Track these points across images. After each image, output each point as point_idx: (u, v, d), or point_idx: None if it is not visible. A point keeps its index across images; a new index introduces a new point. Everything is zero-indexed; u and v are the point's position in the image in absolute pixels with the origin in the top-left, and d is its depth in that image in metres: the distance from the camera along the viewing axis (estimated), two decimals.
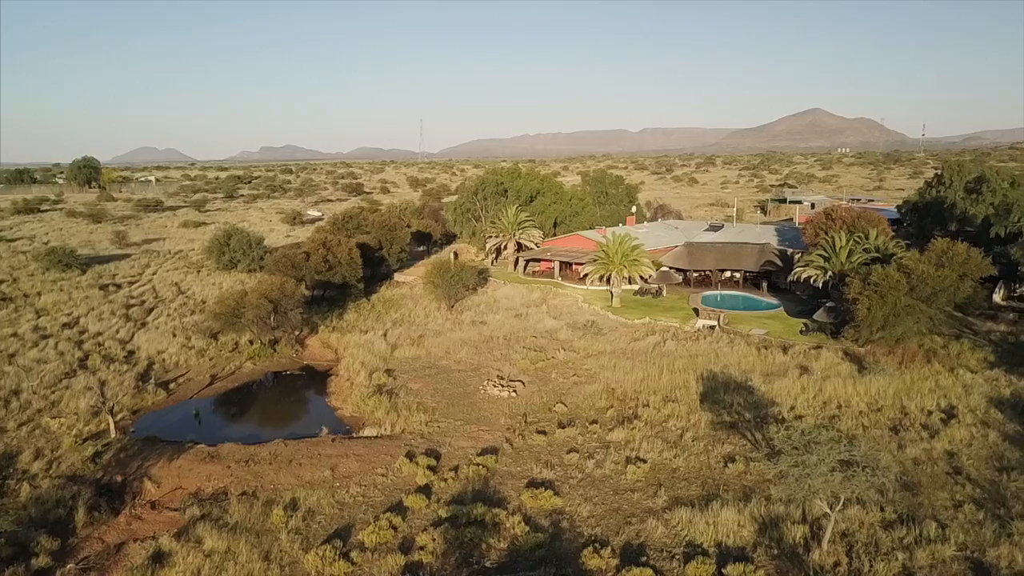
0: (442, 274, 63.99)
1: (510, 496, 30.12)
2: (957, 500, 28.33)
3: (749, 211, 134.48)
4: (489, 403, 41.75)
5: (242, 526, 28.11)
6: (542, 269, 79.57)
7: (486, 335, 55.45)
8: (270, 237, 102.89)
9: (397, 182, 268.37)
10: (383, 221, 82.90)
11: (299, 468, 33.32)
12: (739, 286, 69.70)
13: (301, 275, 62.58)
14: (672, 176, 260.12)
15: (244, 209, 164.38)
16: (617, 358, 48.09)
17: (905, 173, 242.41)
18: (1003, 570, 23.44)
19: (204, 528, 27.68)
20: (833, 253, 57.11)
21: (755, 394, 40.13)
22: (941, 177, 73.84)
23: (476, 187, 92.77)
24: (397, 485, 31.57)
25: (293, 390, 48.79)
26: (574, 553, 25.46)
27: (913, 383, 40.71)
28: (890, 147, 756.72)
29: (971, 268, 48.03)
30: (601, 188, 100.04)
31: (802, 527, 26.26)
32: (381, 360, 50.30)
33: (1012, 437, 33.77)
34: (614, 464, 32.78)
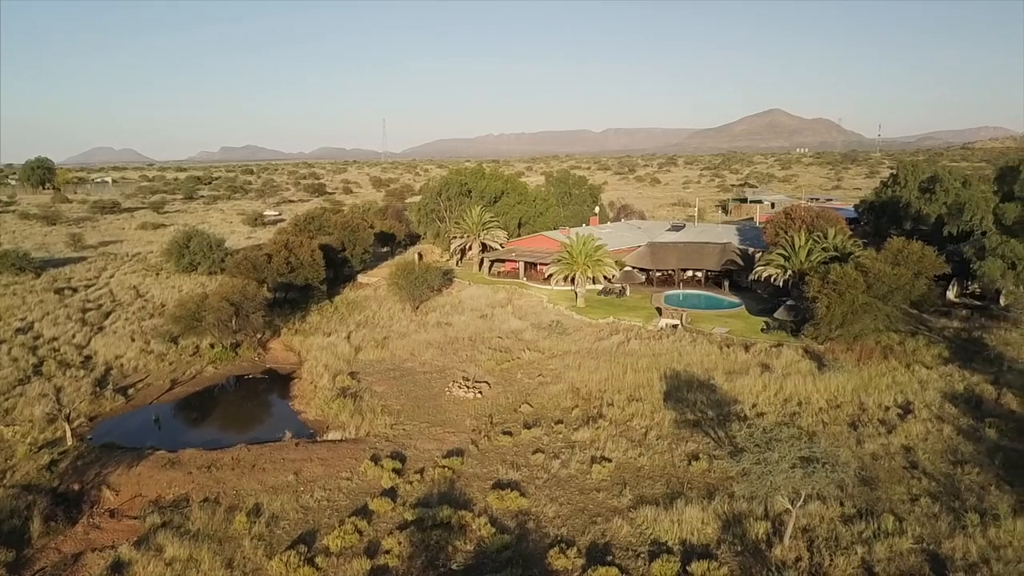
0: (406, 275, 63.71)
1: (476, 498, 30.09)
2: (914, 494, 28.97)
3: (711, 211, 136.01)
4: (454, 405, 41.67)
5: (204, 533, 27.70)
6: (507, 270, 79.62)
7: (451, 336, 55.33)
8: (231, 239, 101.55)
9: (360, 182, 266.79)
10: (346, 222, 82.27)
11: (262, 473, 32.94)
12: (701, 285, 70.48)
13: (263, 277, 61.83)
14: (635, 176, 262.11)
15: (204, 210, 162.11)
16: (582, 358, 48.31)
17: (862, 173, 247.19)
18: (958, 561, 24.01)
19: (165, 536, 27.21)
20: (793, 252, 58.00)
21: (718, 392, 40.61)
22: (896, 177, 75.38)
23: (440, 187, 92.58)
24: (362, 489, 31.36)
25: (256, 394, 48.18)
26: (540, 554, 25.53)
27: (871, 379, 41.53)
28: (847, 147, 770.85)
29: (926, 266, 49.11)
30: (565, 188, 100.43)
31: (764, 523, 26.64)
32: (345, 363, 49.92)
33: (965, 431, 34.62)
34: (579, 464, 32.93)
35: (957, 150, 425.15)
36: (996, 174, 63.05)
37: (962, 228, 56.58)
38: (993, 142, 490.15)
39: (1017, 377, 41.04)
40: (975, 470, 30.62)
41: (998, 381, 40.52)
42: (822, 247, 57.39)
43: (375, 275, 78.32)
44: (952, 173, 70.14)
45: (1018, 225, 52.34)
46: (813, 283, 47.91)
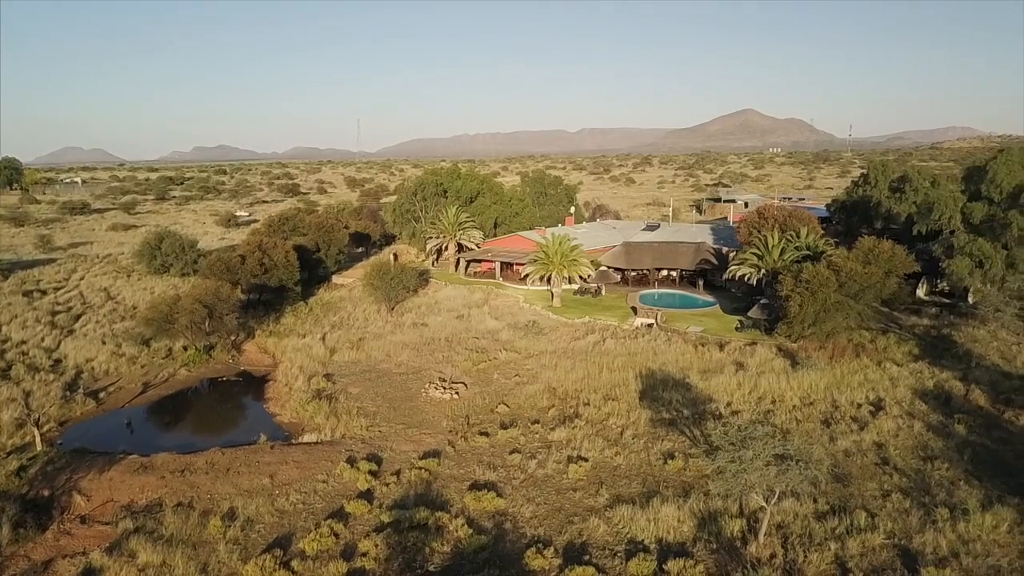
0: (381, 276, 63.44)
1: (453, 499, 30.04)
2: (885, 489, 29.38)
3: (685, 210, 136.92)
4: (431, 406, 41.58)
5: (178, 538, 27.39)
6: (483, 270, 79.57)
7: (427, 337, 55.21)
8: (204, 240, 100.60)
9: (334, 182, 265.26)
10: (320, 222, 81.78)
11: (237, 476, 32.64)
12: (676, 284, 70.93)
13: (236, 279, 61.27)
14: (610, 176, 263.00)
15: (176, 211, 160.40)
16: (558, 357, 48.41)
17: (834, 172, 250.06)
18: (928, 556, 24.38)
19: (138, 541, 26.88)
20: (766, 251, 58.54)
21: (693, 391, 40.89)
22: (867, 177, 76.34)
23: (415, 187, 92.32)
24: (338, 491, 31.19)
25: (230, 397, 47.73)
26: (517, 554, 25.55)
27: (843, 377, 42.07)
28: (819, 147, 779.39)
29: (896, 265, 49.82)
30: (540, 189, 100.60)
31: (739, 521, 26.87)
32: (320, 364, 49.63)
33: (936, 427, 35.17)
34: (556, 464, 33.00)
35: (926, 150, 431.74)
36: (963, 174, 64.05)
37: (931, 227, 57.45)
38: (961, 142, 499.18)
39: (985, 374, 41.79)
40: (945, 465, 31.13)
41: (966, 378, 41.25)
42: (795, 246, 58.00)
43: (350, 276, 77.92)
44: (921, 173, 71.18)
45: (985, 224, 53.22)
46: (786, 282, 48.41)
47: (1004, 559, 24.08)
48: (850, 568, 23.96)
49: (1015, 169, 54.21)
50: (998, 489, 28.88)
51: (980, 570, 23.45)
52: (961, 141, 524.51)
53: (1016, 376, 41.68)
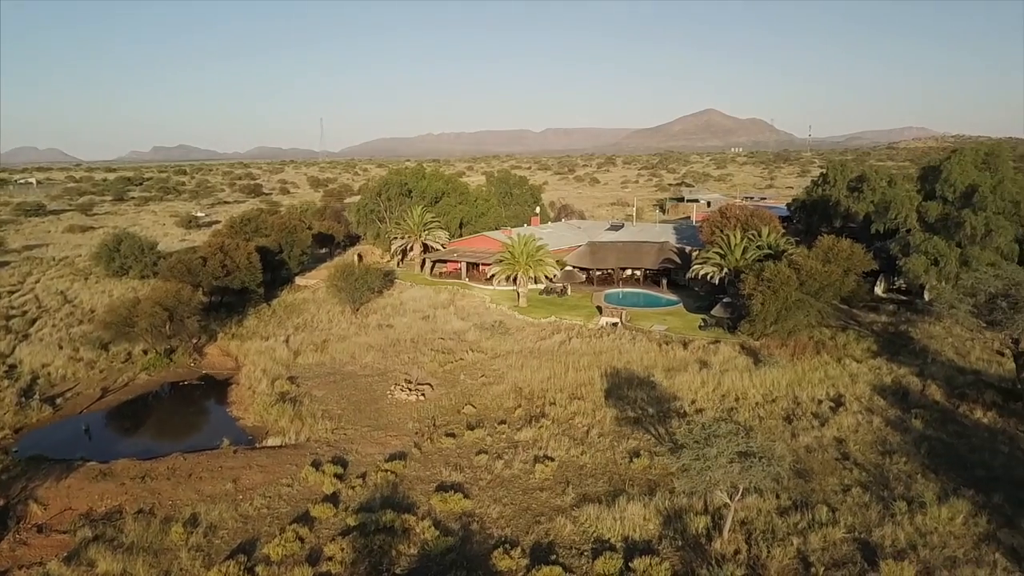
0: (346, 277, 62.97)
1: (419, 501, 29.95)
2: (845, 484, 29.93)
3: (648, 210, 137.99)
4: (397, 408, 41.39)
5: (139, 546, 26.90)
6: (449, 270, 79.42)
7: (393, 338, 54.94)
8: (164, 241, 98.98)
9: (297, 182, 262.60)
10: (283, 223, 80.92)
11: (199, 482, 32.19)
12: (640, 284, 71.52)
13: (198, 281, 60.36)
14: (574, 176, 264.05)
15: (135, 212, 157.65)
16: (524, 357, 48.51)
17: (794, 172, 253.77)
18: (887, 549, 24.90)
19: (97, 550, 26.34)
20: (728, 250, 59.26)
21: (657, 389, 41.26)
22: (826, 176, 77.50)
23: (380, 188, 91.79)
24: (303, 495, 30.90)
25: (191, 401, 47.00)
26: (484, 555, 25.55)
27: (804, 374, 42.75)
28: (780, 146, 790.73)
29: (855, 263, 50.79)
30: (505, 189, 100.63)
31: (704, 518, 27.17)
32: (284, 367, 49.10)
33: (894, 422, 35.92)
34: (523, 464, 33.06)
35: (883, 150, 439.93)
36: (919, 174, 65.46)
37: (888, 226, 58.56)
38: (916, 142, 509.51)
39: (940, 369, 42.79)
40: (903, 460, 31.80)
41: (923, 373, 42.19)
42: (756, 245, 58.80)
43: (314, 277, 77.25)
44: (878, 172, 72.47)
45: (940, 223, 54.46)
46: (748, 280, 49.08)
47: (960, 550, 24.68)
48: (812, 562, 24.37)
49: (968, 169, 55.58)
50: (954, 482, 29.59)
51: (937, 561, 24.00)
52: (917, 141, 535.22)
53: (970, 371, 42.78)
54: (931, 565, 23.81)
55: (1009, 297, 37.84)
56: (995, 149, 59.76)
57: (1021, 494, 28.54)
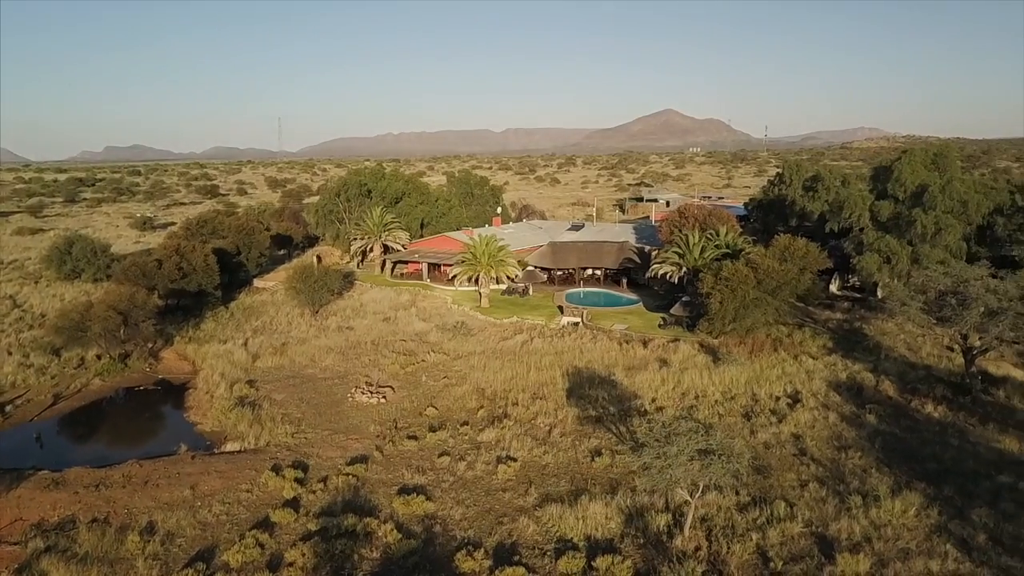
0: (305, 279, 62.28)
1: (382, 504, 29.77)
2: (803, 479, 30.48)
3: (608, 210, 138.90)
4: (358, 411, 41.08)
5: (93, 556, 26.31)
6: (410, 271, 79.04)
7: (353, 341, 54.51)
8: (118, 244, 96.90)
9: (255, 183, 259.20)
10: (240, 225, 79.83)
11: (156, 489, 31.58)
12: (600, 283, 71.96)
13: (153, 284, 59.28)
14: (535, 176, 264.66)
15: (88, 214, 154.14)
16: (487, 358, 48.49)
17: (751, 171, 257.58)
18: (843, 542, 25.41)
19: (50, 561, 25.69)
20: (687, 250, 59.90)
21: (618, 388, 41.56)
22: (782, 176, 78.71)
23: (339, 188, 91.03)
24: (263, 500, 30.51)
25: (147, 406, 46.07)
26: (447, 557, 25.49)
27: (762, 371, 43.42)
28: (737, 146, 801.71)
29: (810, 261, 51.70)
30: (467, 189, 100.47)
31: (665, 515, 27.45)
32: (242, 371, 48.41)
33: (849, 418, 36.67)
34: (485, 465, 33.06)
35: (837, 150, 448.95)
36: (871, 174, 66.95)
37: (842, 225, 59.70)
38: (869, 142, 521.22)
39: (893, 365, 43.79)
40: (858, 454, 32.50)
41: (876, 369, 43.15)
42: (715, 244, 59.53)
43: (272, 279, 76.30)
44: (832, 172, 73.80)
45: (892, 222, 55.69)
46: (707, 279, 49.68)
47: (912, 542, 25.29)
48: (771, 557, 24.76)
49: (918, 169, 56.95)
50: (906, 475, 30.35)
51: (891, 553, 24.56)
52: (869, 141, 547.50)
53: (921, 367, 43.87)
54: (885, 557, 24.35)
55: (958, 294, 38.90)
56: (943, 150, 61.34)
57: (970, 486, 29.37)
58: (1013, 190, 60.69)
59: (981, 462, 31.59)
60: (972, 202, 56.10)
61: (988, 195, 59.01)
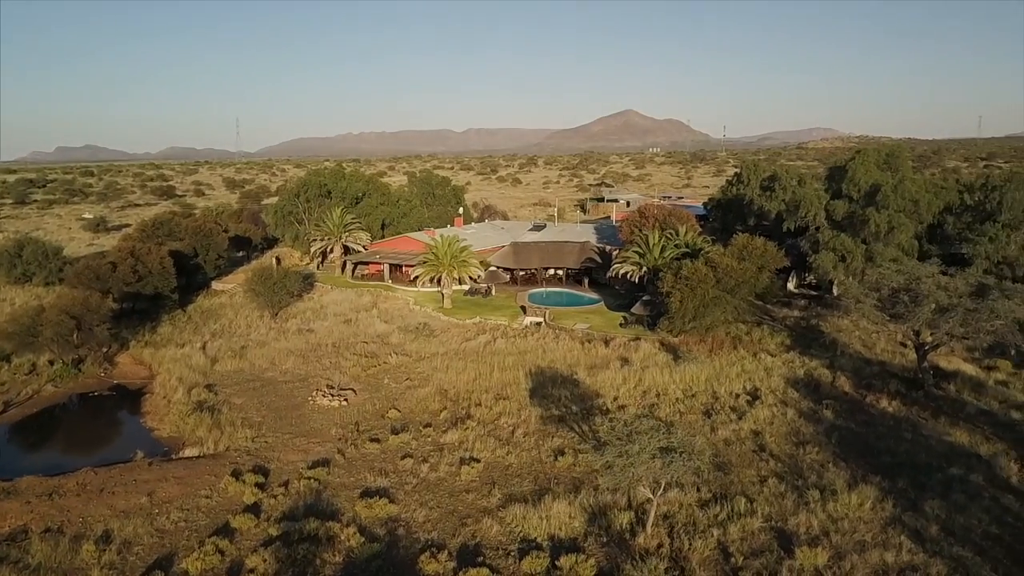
0: (264, 281, 61.52)
1: (344, 508, 29.54)
2: (762, 475, 30.96)
3: (570, 210, 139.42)
4: (319, 414, 40.70)
5: (47, 566, 25.68)
6: (371, 272, 78.53)
7: (314, 343, 53.98)
8: (70, 246, 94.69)
9: (212, 184, 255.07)
10: (198, 226, 78.55)
11: (111, 497, 30.94)
12: (562, 283, 72.27)
13: (107, 287, 58.04)
14: (497, 176, 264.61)
15: (38, 216, 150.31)
16: (450, 359, 48.38)
17: (710, 171, 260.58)
18: (802, 536, 25.87)
19: (1, 573, 25.01)
20: (647, 249, 60.43)
21: (581, 387, 41.78)
22: (740, 176, 79.72)
23: (298, 188, 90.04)
24: (223, 506, 30.07)
25: (102, 412, 45.10)
26: (411, 560, 25.39)
27: (722, 369, 43.98)
28: (696, 146, 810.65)
29: (768, 260, 52.52)
30: (428, 189, 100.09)
31: (628, 513, 27.66)
32: (201, 375, 47.64)
33: (806, 414, 37.33)
34: (448, 466, 32.99)
35: (793, 150, 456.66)
36: (826, 173, 68.19)
37: (799, 224, 60.71)
38: (824, 142, 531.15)
39: (849, 361, 44.69)
40: (815, 449, 33.11)
41: (833, 365, 44.00)
42: (674, 244, 60.13)
43: (231, 281, 75.21)
44: (789, 172, 74.90)
45: (846, 221, 56.83)
46: (667, 279, 50.18)
47: (868, 534, 25.85)
48: (731, 552, 25.11)
49: (871, 169, 58.18)
50: (862, 469, 31.01)
51: (848, 546, 25.06)
52: (824, 141, 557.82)
53: (876, 362, 44.85)
54: (842, 550, 24.84)
55: (910, 291, 39.85)
56: (895, 150, 62.77)
57: (923, 478, 30.12)
58: (962, 190, 62.26)
59: (933, 455, 32.41)
60: (923, 201, 57.44)
61: (938, 194, 60.48)
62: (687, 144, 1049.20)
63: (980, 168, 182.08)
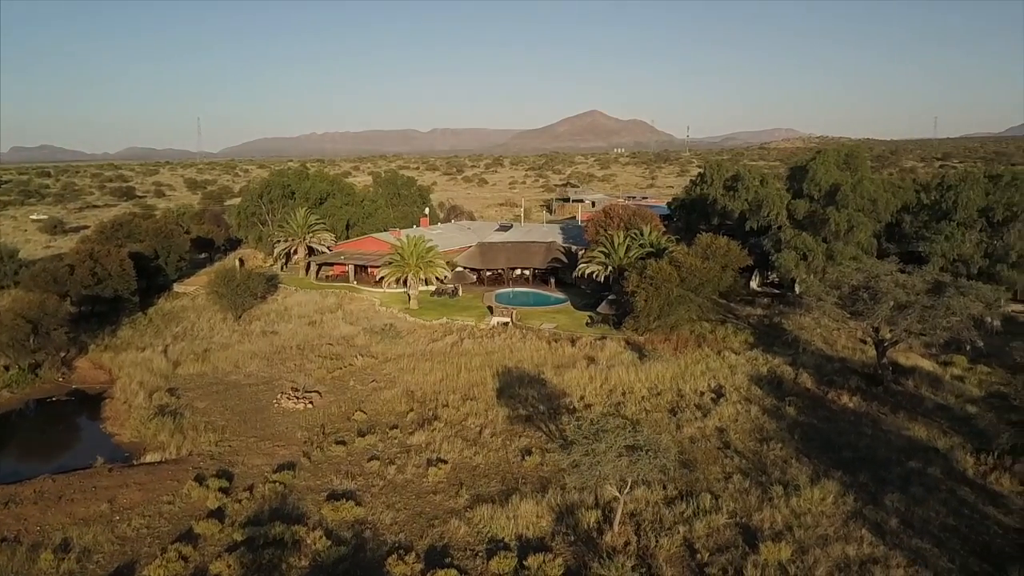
0: (227, 282, 60.74)
1: (310, 511, 29.28)
2: (727, 472, 31.32)
3: (536, 210, 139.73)
4: (284, 417, 40.28)
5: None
6: (336, 273, 77.94)
7: (278, 345, 53.41)
8: (26, 248, 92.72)
9: (173, 184, 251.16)
10: (159, 228, 77.28)
11: (71, 504, 30.33)
12: (529, 283, 72.41)
13: (65, 290, 56.90)
14: (463, 177, 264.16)
15: None
16: (416, 360, 48.20)
17: (674, 171, 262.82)
18: (766, 531, 26.22)
19: None
20: (612, 249, 60.79)
21: (548, 386, 41.89)
22: (704, 176, 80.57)
23: (261, 189, 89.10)
24: (186, 512, 29.64)
25: (60, 418, 44.20)
26: (378, 562, 25.26)
27: (687, 367, 44.39)
28: (660, 147, 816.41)
29: (731, 259, 53.15)
30: (393, 189, 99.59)
31: (595, 512, 27.81)
32: (162, 378, 46.90)
33: (770, 410, 37.84)
34: (415, 468, 32.87)
35: (755, 150, 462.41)
36: (788, 173, 69.15)
37: (761, 223, 61.49)
38: (786, 143, 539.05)
39: (811, 358, 45.37)
40: (779, 445, 33.58)
41: (795, 362, 44.63)
42: (639, 243, 60.57)
43: (193, 283, 74.14)
44: (752, 172, 75.79)
45: (807, 220, 57.71)
46: (632, 278, 50.53)
47: (830, 528, 26.29)
48: (697, 549, 25.37)
49: (831, 169, 59.14)
50: (824, 464, 31.51)
51: (811, 541, 25.45)
52: (786, 142, 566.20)
53: (837, 359, 45.62)
54: (805, 544, 25.22)
55: (869, 289, 40.60)
56: (854, 150, 63.89)
57: (883, 472, 30.72)
58: (919, 189, 63.59)
59: (892, 449, 33.06)
60: (881, 200, 58.51)
61: (896, 194, 61.64)
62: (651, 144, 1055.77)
63: (936, 168, 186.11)
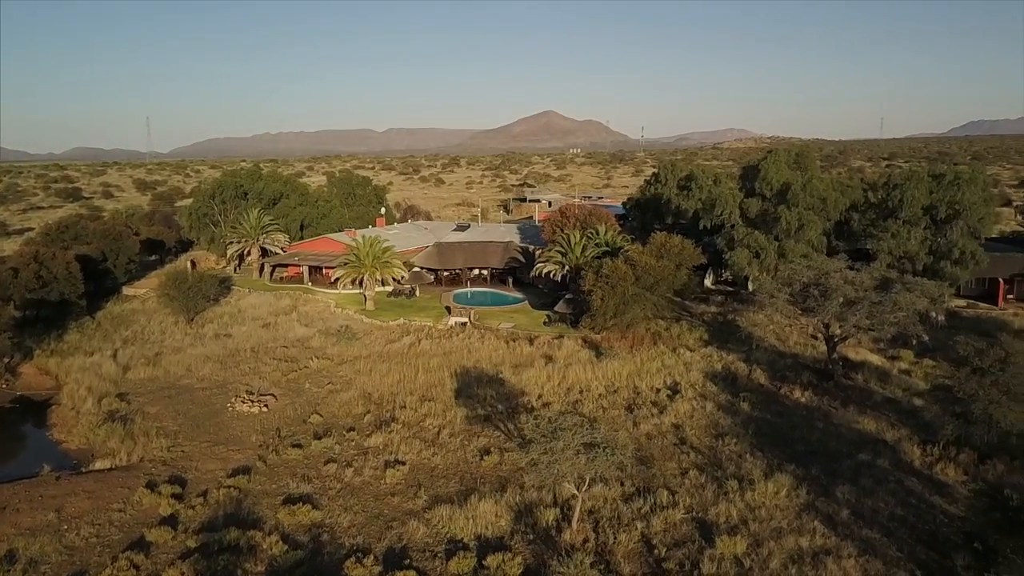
0: (178, 285, 59.62)
1: (266, 515, 28.90)
2: (684, 467, 31.71)
3: (493, 210, 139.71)
4: (238, 421, 39.66)
5: None
6: (290, 274, 76.99)
7: (231, 348, 52.54)
8: None
9: (122, 185, 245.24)
10: (107, 230, 75.47)
11: (16, 515, 29.46)
12: (487, 283, 72.39)
13: (8, 294, 55.16)
14: (419, 177, 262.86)
15: None
16: (373, 362, 47.84)
17: (629, 172, 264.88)
18: (722, 525, 26.61)
19: None
20: (569, 249, 61.10)
21: (506, 386, 41.95)
22: (658, 176, 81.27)
23: (213, 190, 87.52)
24: (137, 519, 29.02)
25: (4, 426, 42.91)
26: (336, 565, 25.03)
27: (643, 364, 44.84)
28: (615, 147, 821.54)
29: (686, 258, 53.79)
30: (348, 189, 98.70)
31: (554, 510, 27.93)
32: (112, 384, 45.81)
33: (724, 406, 38.40)
34: (373, 470, 32.65)
35: (709, 150, 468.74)
36: (740, 173, 70.11)
37: (715, 222, 62.22)
38: (738, 143, 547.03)
39: (764, 355, 46.17)
40: (733, 441, 34.10)
41: (749, 359, 45.37)
42: (595, 243, 60.99)
43: (143, 286, 72.61)
44: (705, 172, 76.69)
45: (759, 218, 58.63)
46: (588, 277, 50.86)
47: (784, 521, 26.79)
48: (655, 544, 25.64)
49: (782, 169, 60.13)
50: (778, 458, 32.09)
51: (765, 534, 25.91)
52: (738, 142, 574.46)
53: (789, 355, 46.49)
54: (760, 537, 25.66)
55: (820, 286, 41.43)
56: (804, 150, 65.14)
57: (834, 465, 31.41)
58: (866, 188, 64.94)
59: (843, 442, 33.83)
60: (830, 199, 59.64)
61: (845, 192, 62.90)
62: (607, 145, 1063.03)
63: (882, 168, 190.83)
